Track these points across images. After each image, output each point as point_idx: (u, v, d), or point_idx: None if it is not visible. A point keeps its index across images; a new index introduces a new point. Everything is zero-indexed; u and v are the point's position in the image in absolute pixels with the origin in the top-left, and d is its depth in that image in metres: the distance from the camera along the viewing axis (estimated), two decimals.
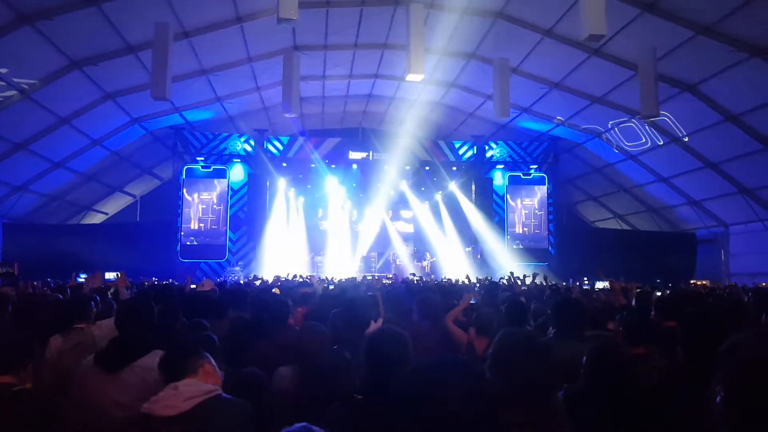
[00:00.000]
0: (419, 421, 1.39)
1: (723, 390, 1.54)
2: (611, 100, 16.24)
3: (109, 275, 10.89)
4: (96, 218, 22.54)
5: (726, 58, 12.33)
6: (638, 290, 5.70)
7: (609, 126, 17.60)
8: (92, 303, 4.49)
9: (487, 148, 21.85)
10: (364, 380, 2.31)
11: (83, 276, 9.17)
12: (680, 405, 2.18)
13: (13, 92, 12.99)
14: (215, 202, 20.59)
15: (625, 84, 14.77)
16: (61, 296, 6.53)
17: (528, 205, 22.02)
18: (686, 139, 15.71)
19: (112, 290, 6.77)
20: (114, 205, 23.17)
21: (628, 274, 12.45)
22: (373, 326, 3.70)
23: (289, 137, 21.21)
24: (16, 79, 12.71)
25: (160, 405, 2.21)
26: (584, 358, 2.59)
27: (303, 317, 4.34)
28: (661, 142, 16.66)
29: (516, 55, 15.16)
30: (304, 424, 1.53)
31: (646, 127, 16.49)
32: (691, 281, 16.94)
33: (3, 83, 12.54)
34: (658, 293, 7.10)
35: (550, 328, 3.93)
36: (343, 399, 2.28)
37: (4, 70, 12.20)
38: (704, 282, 16.44)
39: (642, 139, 17.23)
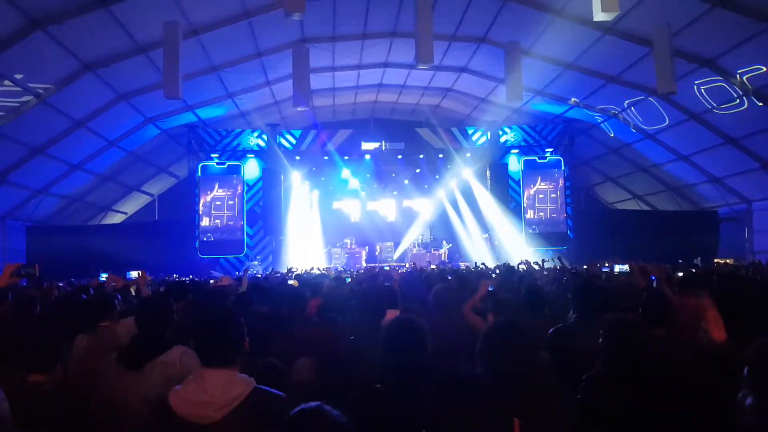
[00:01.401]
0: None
1: (755, 395, 1.48)
2: (626, 78, 15.97)
3: (132, 274, 11.03)
4: (115, 218, 22.85)
5: (744, 31, 12.03)
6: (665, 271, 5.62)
7: (625, 105, 17.33)
8: (116, 301, 4.56)
9: (500, 133, 21.64)
10: (382, 369, 2.31)
11: (104, 275, 9.29)
12: (703, 385, 2.15)
13: (29, 97, 13.17)
14: (231, 197, 20.75)
15: (641, 61, 14.50)
16: (84, 296, 6.64)
17: (544, 189, 21.81)
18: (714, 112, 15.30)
19: (134, 288, 6.87)
20: (132, 205, 23.46)
21: (649, 255, 12.27)
22: (390, 315, 3.70)
23: (301, 130, 21.23)
24: (31, 84, 12.89)
25: (198, 412, 2.10)
26: (601, 339, 2.57)
27: (317, 309, 4.35)
28: (680, 120, 16.38)
29: (527, 37, 14.97)
30: (318, 403, 1.57)
31: (664, 105, 16.20)
32: (715, 260, 16.69)
33: (19, 89, 12.71)
34: (681, 273, 7.00)
35: (571, 312, 3.90)
36: (362, 387, 2.29)
37: (19, 76, 12.36)
38: (728, 260, 16.19)
39: (659, 117, 16.94)
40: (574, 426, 2.17)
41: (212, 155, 20.62)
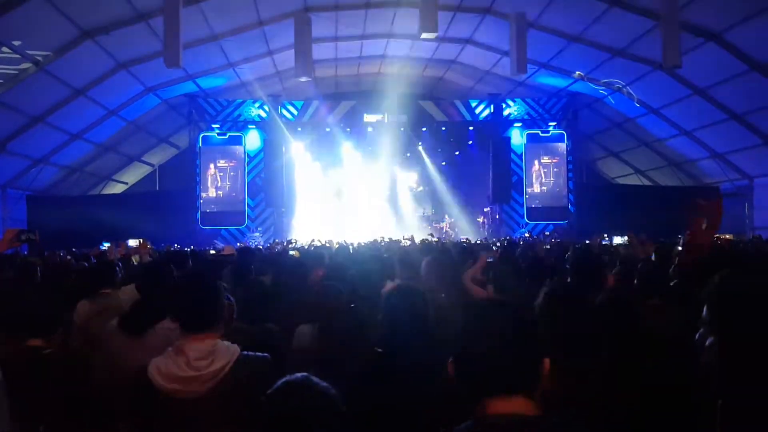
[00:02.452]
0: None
1: (714, 334, 1.47)
2: (632, 52, 15.76)
3: (132, 242, 11.06)
4: (116, 188, 22.83)
5: (752, 5, 11.84)
6: (657, 245, 5.63)
7: (630, 80, 17.15)
8: (117, 269, 4.59)
9: (504, 106, 21.49)
10: (383, 335, 2.33)
11: (106, 244, 9.33)
12: (698, 355, 2.17)
13: (27, 65, 13.03)
14: (232, 168, 20.72)
15: (647, 35, 14.30)
16: (86, 264, 6.69)
17: (547, 163, 21.74)
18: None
19: (135, 258, 6.91)
20: (133, 175, 23.43)
21: (650, 230, 12.25)
22: (389, 286, 3.73)
23: (303, 102, 21.07)
24: (29, 51, 12.73)
25: (184, 387, 2.03)
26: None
27: (320, 278, 4.39)
28: (684, 95, 16.23)
29: (533, 8, 14.73)
30: (305, 374, 1.51)
31: (669, 79, 16.03)
32: (715, 235, 16.68)
33: (17, 56, 12.57)
34: (680, 248, 7.01)
35: (568, 281, 3.92)
36: (362, 353, 2.31)
37: (17, 43, 12.20)
38: (728, 236, 16.20)
39: (664, 92, 16.77)
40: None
41: (213, 126, 20.52)
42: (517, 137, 21.79)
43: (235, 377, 2.06)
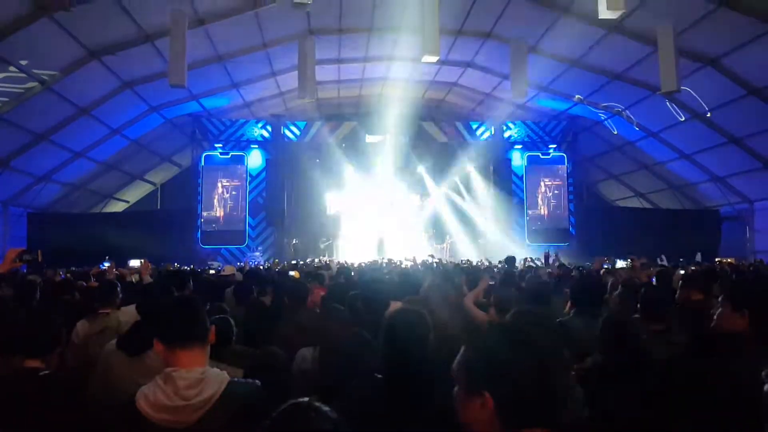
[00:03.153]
0: None
1: None
2: (631, 76, 15.92)
3: (133, 263, 11.05)
4: (117, 206, 22.87)
5: (749, 31, 11.99)
6: (659, 268, 5.63)
7: (629, 103, 17.28)
8: (117, 289, 4.57)
9: (504, 128, 21.63)
10: (384, 359, 2.30)
11: (106, 264, 9.30)
12: (700, 379, 2.16)
13: (34, 84, 13.16)
14: (234, 188, 20.78)
15: (645, 60, 14.45)
16: (84, 283, 6.67)
17: (547, 185, 21.84)
18: (709, 115, 15.31)
19: (134, 276, 6.90)
20: (135, 194, 23.49)
21: (650, 253, 12.28)
22: (393, 307, 3.71)
23: (305, 122, 21.22)
24: (36, 71, 12.87)
25: (173, 417, 1.94)
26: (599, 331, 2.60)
27: (322, 299, 4.37)
28: (683, 118, 16.33)
29: (533, 33, 14.91)
30: (308, 399, 1.48)
31: (667, 104, 16.15)
32: (716, 259, 16.67)
33: (24, 75, 12.69)
34: (682, 271, 7.00)
35: (568, 306, 3.92)
36: (363, 377, 2.28)
37: (24, 62, 12.34)
38: (729, 260, 16.17)
39: (663, 116, 16.89)
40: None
41: (216, 145, 20.65)
42: (518, 159, 21.89)
43: (226, 405, 1.98)
